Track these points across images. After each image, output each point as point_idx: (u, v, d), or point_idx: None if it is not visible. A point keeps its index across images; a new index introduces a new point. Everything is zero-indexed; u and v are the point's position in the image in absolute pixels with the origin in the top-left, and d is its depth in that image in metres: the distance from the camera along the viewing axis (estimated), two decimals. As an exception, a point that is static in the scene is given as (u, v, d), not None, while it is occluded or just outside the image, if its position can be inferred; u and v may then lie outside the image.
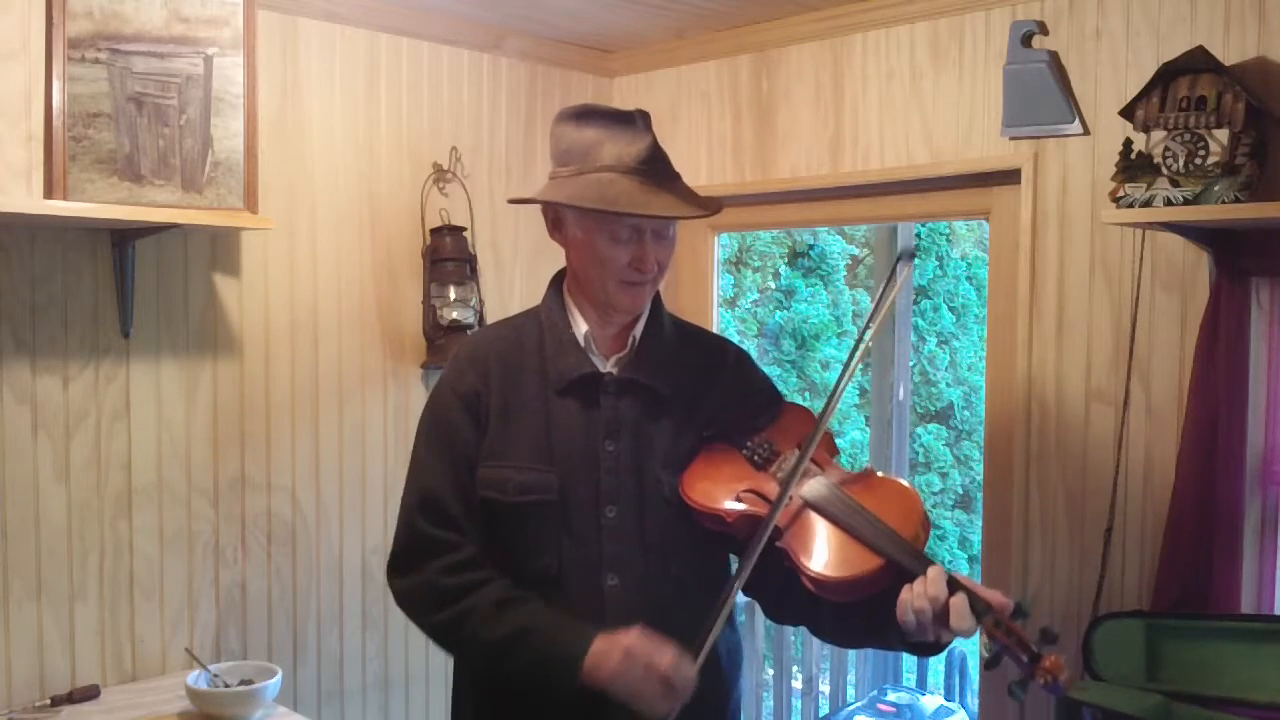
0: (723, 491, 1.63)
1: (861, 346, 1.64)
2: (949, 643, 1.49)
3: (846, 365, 1.63)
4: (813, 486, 1.60)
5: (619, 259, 1.62)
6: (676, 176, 1.66)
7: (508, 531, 1.67)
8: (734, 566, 1.76)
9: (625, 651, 1.49)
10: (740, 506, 1.60)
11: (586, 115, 1.66)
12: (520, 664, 1.59)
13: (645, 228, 1.62)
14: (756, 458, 1.68)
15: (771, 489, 1.61)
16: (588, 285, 1.69)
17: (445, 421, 1.70)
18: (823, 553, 1.53)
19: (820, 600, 1.55)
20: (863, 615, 1.55)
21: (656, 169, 1.62)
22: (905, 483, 1.63)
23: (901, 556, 1.48)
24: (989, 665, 1.44)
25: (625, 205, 1.57)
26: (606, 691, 1.50)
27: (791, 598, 1.63)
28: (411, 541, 1.68)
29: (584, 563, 1.64)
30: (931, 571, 1.44)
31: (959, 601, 1.41)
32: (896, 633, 1.48)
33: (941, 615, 1.42)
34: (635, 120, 1.65)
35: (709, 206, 1.65)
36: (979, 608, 1.41)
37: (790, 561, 1.55)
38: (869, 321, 1.66)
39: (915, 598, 1.42)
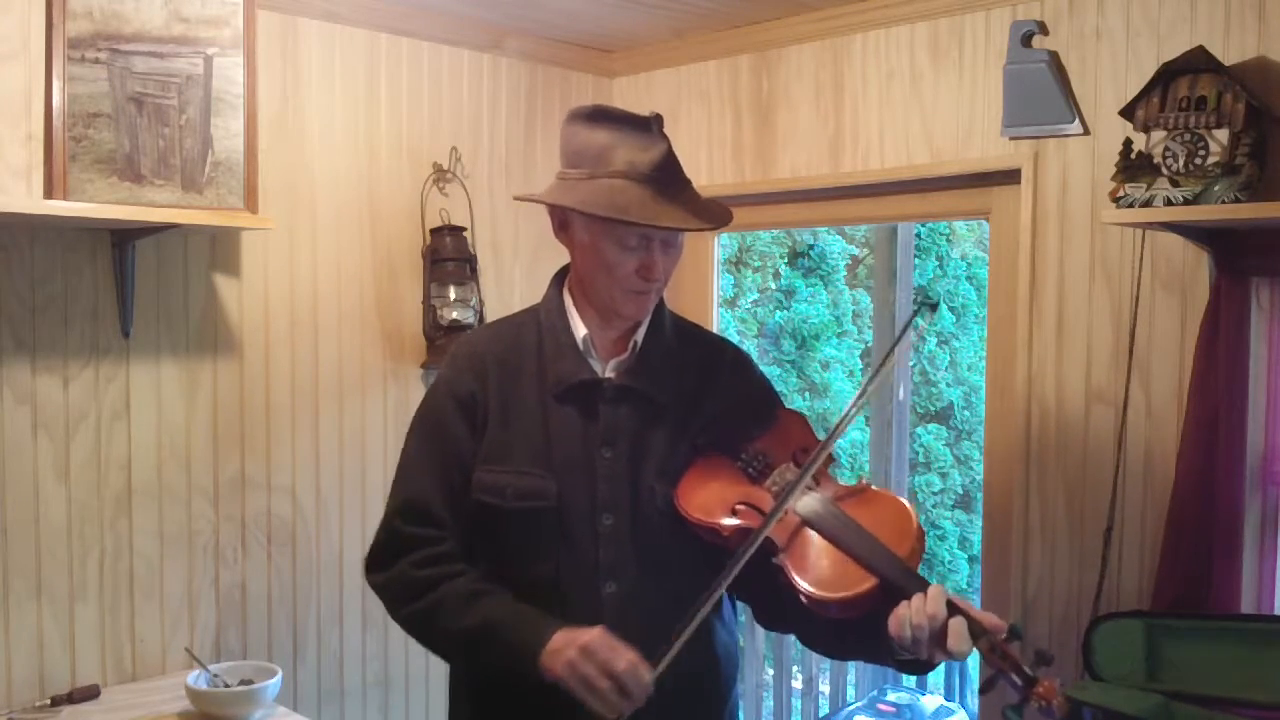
0: (718, 505, 1.61)
1: (877, 379, 1.65)
2: (939, 663, 1.48)
3: (860, 395, 1.63)
4: (808, 502, 1.58)
5: (626, 266, 1.61)
6: (688, 184, 1.64)
7: (506, 537, 1.66)
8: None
9: (581, 648, 1.47)
10: (735, 522, 1.59)
11: (599, 116, 1.63)
12: (484, 656, 1.59)
13: (654, 236, 1.61)
14: (751, 470, 1.66)
15: (767, 503, 1.59)
16: (591, 289, 1.67)
17: (438, 422, 1.70)
18: (817, 571, 1.52)
19: (811, 613, 1.54)
20: (855, 630, 1.54)
21: (668, 177, 1.60)
22: (900, 498, 1.61)
23: (896, 576, 1.47)
24: (984, 689, 1.43)
25: (636, 215, 1.55)
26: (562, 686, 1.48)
27: (783, 608, 1.62)
28: (389, 540, 1.68)
29: (582, 569, 1.63)
30: (932, 590, 1.42)
31: (958, 624, 1.40)
32: (888, 648, 1.47)
33: (938, 635, 1.41)
34: (650, 125, 1.62)
35: (720, 218, 1.63)
36: (974, 630, 1.40)
37: (785, 578, 1.53)
38: (885, 359, 1.66)
39: (914, 613, 1.40)
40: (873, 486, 1.63)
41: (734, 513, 1.60)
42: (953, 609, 1.42)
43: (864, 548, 1.51)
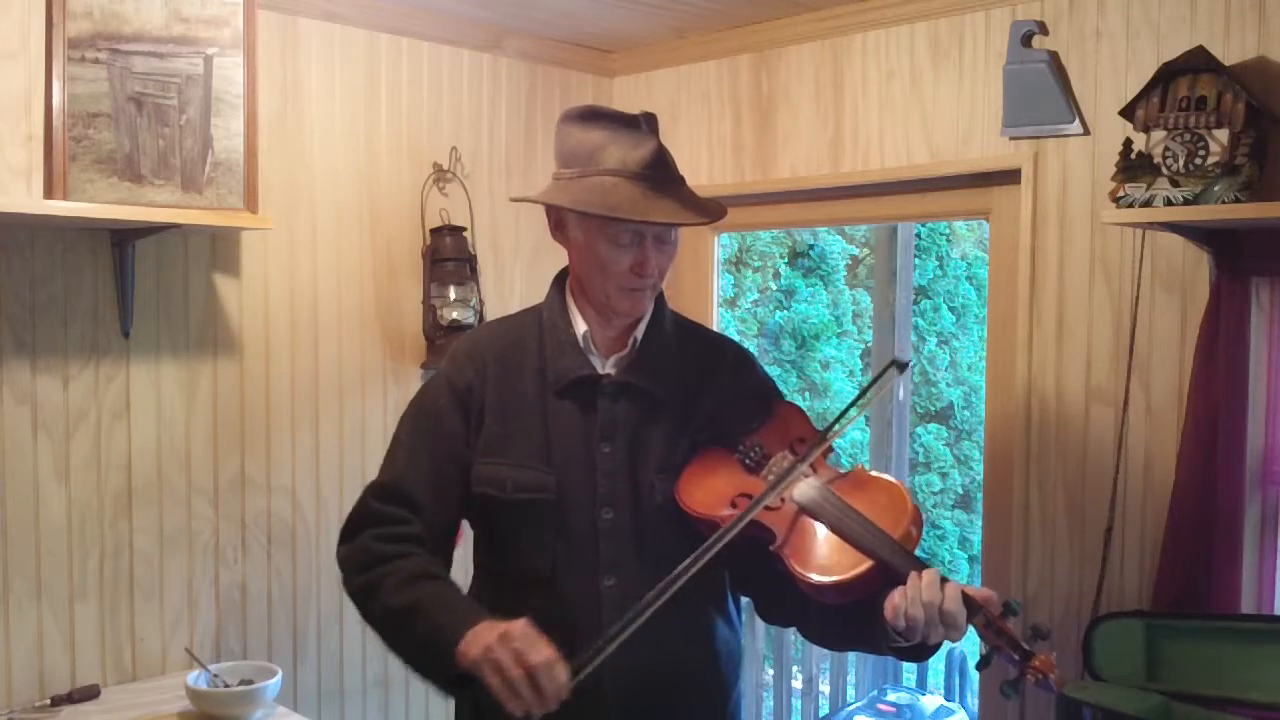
0: (716, 498, 1.62)
1: (843, 422, 1.63)
2: (936, 647, 1.49)
3: (845, 412, 1.63)
4: (804, 489, 1.59)
5: (620, 263, 1.62)
6: (681, 181, 1.65)
7: (504, 530, 1.67)
8: (728, 571, 1.75)
9: (500, 635, 1.44)
10: (733, 512, 1.59)
11: (592, 117, 1.65)
12: (408, 638, 1.58)
13: (647, 233, 1.62)
14: (749, 461, 1.67)
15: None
16: (588, 287, 1.69)
17: (433, 411, 1.71)
18: (815, 556, 1.53)
19: (809, 601, 1.54)
20: (850, 617, 1.54)
21: (660, 173, 1.61)
22: (895, 480, 1.62)
23: (891, 557, 1.48)
24: (981, 665, 1.44)
25: (627, 211, 1.57)
26: (477, 675, 1.45)
27: (783, 599, 1.63)
28: (361, 515, 1.69)
29: (581, 564, 1.64)
30: (926, 575, 1.43)
31: (953, 600, 1.40)
32: (884, 635, 1.47)
33: (935, 620, 1.41)
34: (640, 124, 1.64)
35: (712, 212, 1.64)
36: (970, 606, 1.41)
37: (784, 566, 1.54)
38: (851, 406, 1.64)
39: (910, 603, 1.41)
40: (869, 471, 1.64)
41: (732, 505, 1.61)
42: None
43: (859, 531, 1.52)
